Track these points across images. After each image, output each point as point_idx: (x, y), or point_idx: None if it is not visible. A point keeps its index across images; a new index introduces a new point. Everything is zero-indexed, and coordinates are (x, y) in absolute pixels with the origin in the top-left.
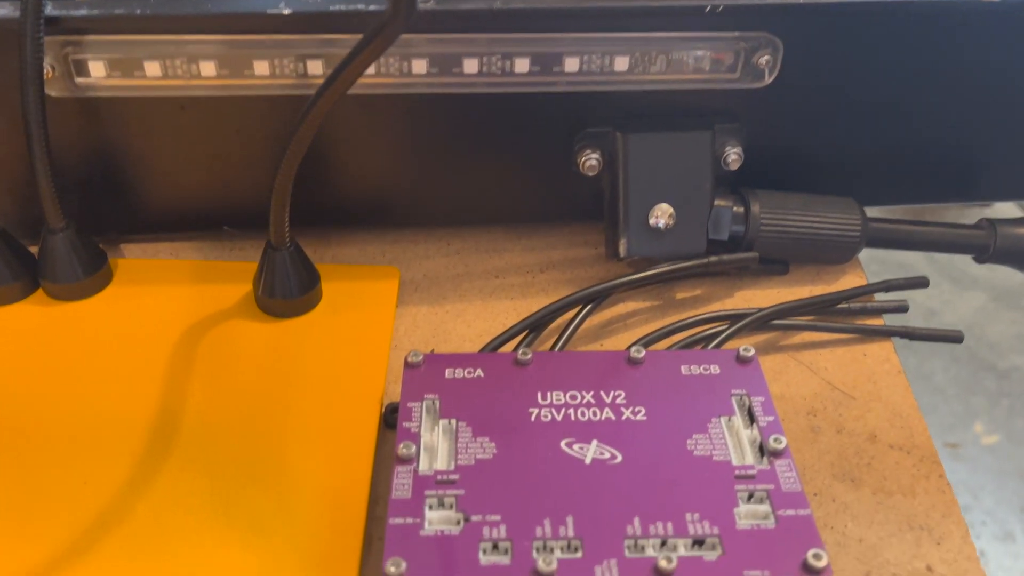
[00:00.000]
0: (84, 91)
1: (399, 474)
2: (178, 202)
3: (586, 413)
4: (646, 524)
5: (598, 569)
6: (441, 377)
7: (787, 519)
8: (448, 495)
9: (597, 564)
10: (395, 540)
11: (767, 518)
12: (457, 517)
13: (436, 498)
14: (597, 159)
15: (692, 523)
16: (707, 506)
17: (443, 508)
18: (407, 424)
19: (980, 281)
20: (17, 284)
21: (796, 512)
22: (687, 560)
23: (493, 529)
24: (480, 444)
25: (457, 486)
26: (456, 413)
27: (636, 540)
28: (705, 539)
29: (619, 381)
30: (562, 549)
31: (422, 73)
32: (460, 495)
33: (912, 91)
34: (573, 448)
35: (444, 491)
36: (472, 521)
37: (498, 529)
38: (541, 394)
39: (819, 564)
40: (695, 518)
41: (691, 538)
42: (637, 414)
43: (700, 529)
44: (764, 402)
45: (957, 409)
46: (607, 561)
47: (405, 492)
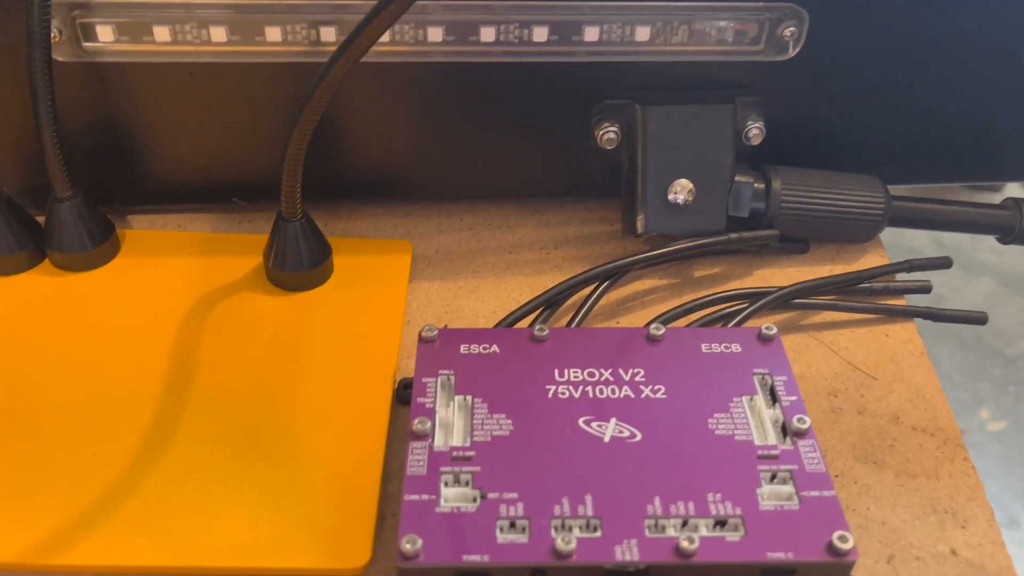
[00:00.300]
0: (92, 56)
1: (414, 450)
2: (186, 172)
3: (604, 391)
4: (667, 504)
5: (618, 549)
6: (456, 353)
7: (811, 500)
8: (464, 472)
9: (617, 544)
10: (410, 517)
11: (791, 499)
12: (473, 494)
13: (452, 475)
14: (615, 132)
15: (714, 503)
16: (729, 486)
17: (459, 485)
18: (421, 400)
19: (988, 267)
20: (23, 254)
21: (820, 493)
22: (709, 540)
23: (510, 507)
24: (496, 421)
25: (473, 463)
26: (472, 389)
27: (657, 520)
28: (727, 520)
29: (638, 359)
30: (581, 528)
31: (438, 41)
32: (476, 472)
33: (939, 68)
34: (591, 426)
35: (460, 468)
36: (489, 498)
37: (515, 507)
38: (558, 371)
39: (845, 546)
40: (717, 498)
41: (713, 518)
42: (657, 392)
43: (722, 509)
44: (787, 381)
45: (964, 395)
46: (627, 541)
47: (420, 468)
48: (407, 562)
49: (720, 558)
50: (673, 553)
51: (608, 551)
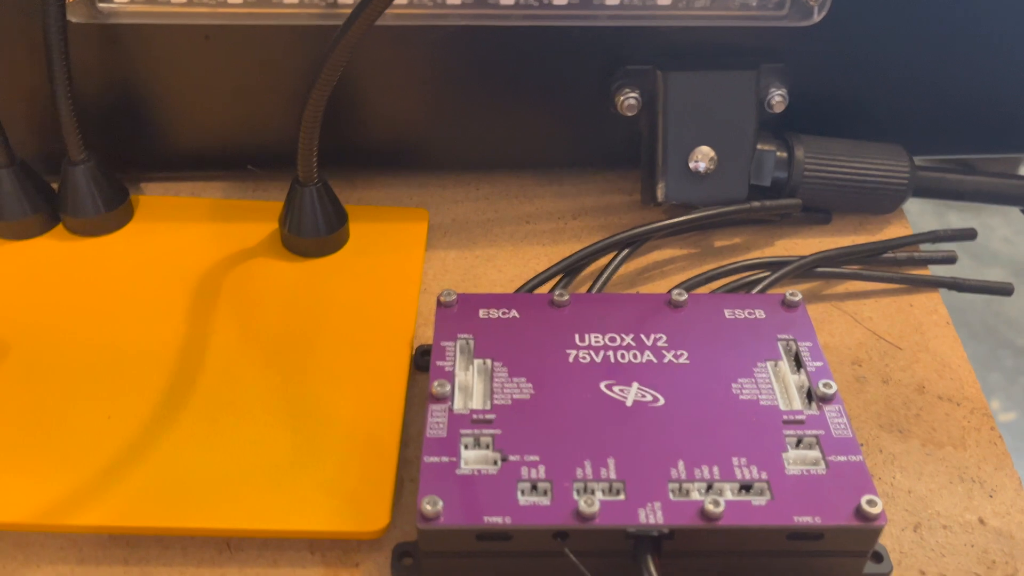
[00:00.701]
0: (107, 17)
1: (433, 412)
2: (200, 138)
3: (626, 356)
4: (691, 468)
5: (641, 512)
6: (475, 317)
7: (838, 465)
8: (485, 434)
9: (640, 507)
10: (430, 479)
11: (817, 464)
12: (494, 457)
13: (472, 437)
14: (636, 98)
15: (739, 467)
16: (754, 451)
17: (479, 447)
18: (440, 363)
19: (1000, 257)
20: (37, 217)
21: (848, 458)
22: (735, 504)
23: (532, 469)
24: (517, 384)
25: (494, 426)
26: (491, 353)
27: (681, 484)
28: (753, 484)
29: (660, 324)
30: (604, 491)
31: (456, 3)
32: (497, 435)
33: (963, 35)
34: (613, 390)
35: (480, 430)
36: (510, 461)
37: (537, 469)
38: (579, 336)
39: (873, 511)
40: (742, 463)
41: (738, 482)
42: (679, 357)
43: (748, 474)
44: (812, 347)
45: None
46: (651, 504)
47: (440, 431)
48: (427, 523)
49: (746, 522)
50: (698, 516)
51: (632, 514)
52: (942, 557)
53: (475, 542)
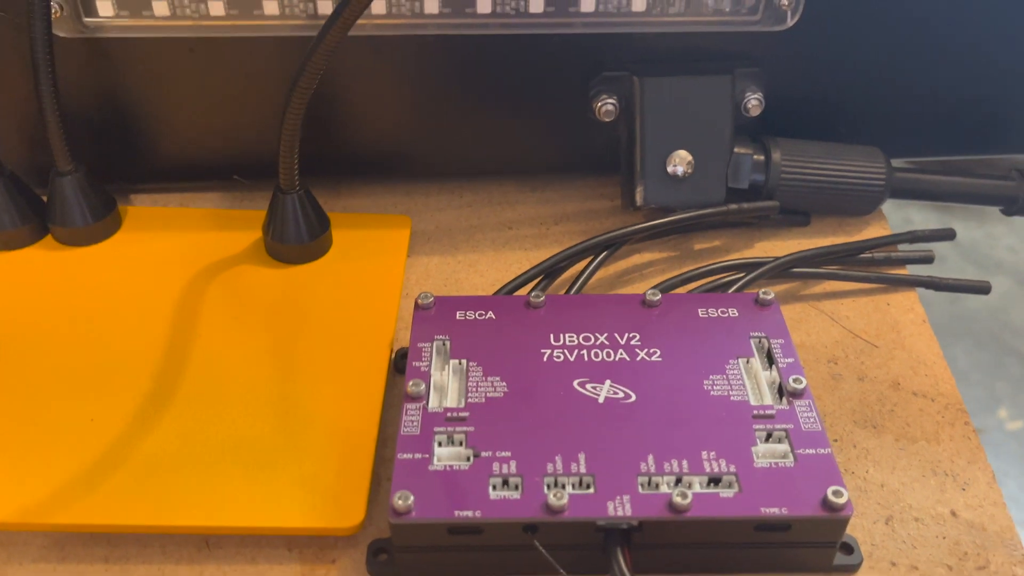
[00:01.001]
0: (92, 31)
1: (408, 411)
2: (187, 149)
3: (600, 354)
4: (660, 461)
5: (610, 504)
6: (452, 318)
7: (807, 458)
8: (458, 432)
9: (609, 500)
10: (403, 474)
11: (786, 457)
12: (467, 453)
13: (446, 435)
14: (613, 104)
15: (708, 461)
16: (724, 445)
17: (452, 444)
18: (417, 364)
19: (1004, 265)
20: (25, 228)
21: (816, 451)
22: (703, 496)
23: (503, 465)
24: (491, 383)
25: (467, 423)
26: (467, 353)
27: (650, 477)
28: (721, 477)
29: (634, 323)
30: (574, 485)
31: (434, 13)
32: (470, 432)
33: (939, 37)
34: (586, 388)
35: (454, 428)
36: (482, 457)
37: (508, 465)
38: (554, 336)
39: (839, 501)
40: (711, 456)
41: (707, 475)
42: (652, 355)
43: (716, 467)
44: (783, 344)
45: (981, 394)
46: (620, 497)
47: (414, 428)
48: (399, 518)
49: (713, 513)
50: (666, 509)
51: (601, 507)
52: (913, 549)
53: (447, 536)
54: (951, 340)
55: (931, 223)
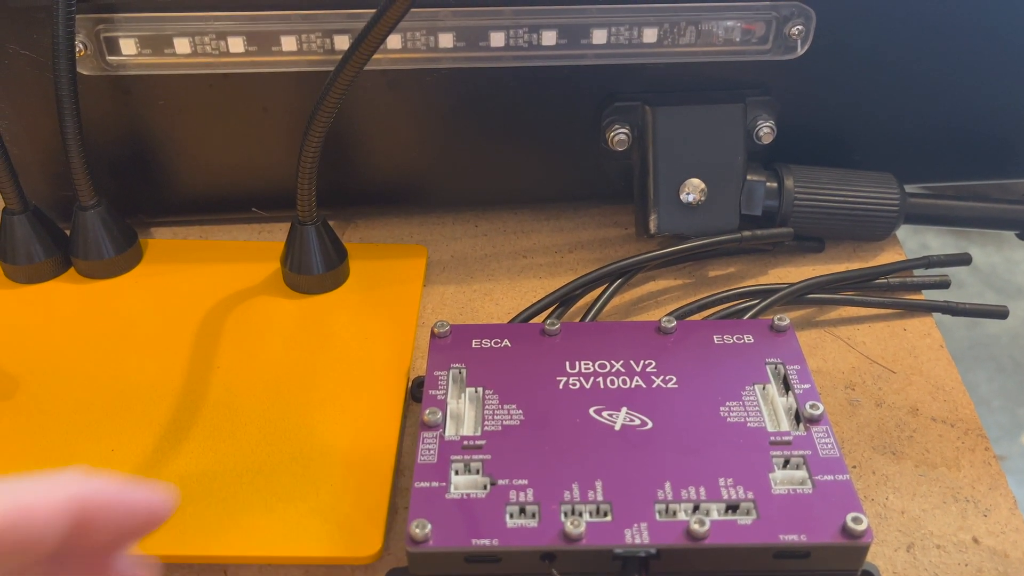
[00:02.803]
0: (115, 69)
1: (425, 440)
2: (207, 182)
3: (615, 381)
4: (678, 489)
5: (628, 532)
6: (468, 347)
7: (825, 484)
8: (475, 460)
9: (627, 527)
10: (420, 503)
11: (804, 483)
12: (484, 481)
13: (462, 463)
14: (626, 134)
15: (725, 488)
16: (741, 472)
17: (469, 473)
18: (433, 392)
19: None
20: (49, 261)
21: (834, 477)
22: (720, 524)
23: (520, 493)
24: (507, 411)
25: (484, 451)
26: (483, 381)
27: (667, 504)
28: (739, 504)
29: (650, 350)
30: (591, 513)
31: (448, 47)
32: (487, 460)
33: (950, 63)
34: (602, 415)
35: (470, 456)
36: (499, 485)
37: (525, 493)
38: (569, 363)
39: (859, 528)
40: (729, 483)
41: (724, 503)
42: (668, 382)
43: (734, 494)
44: (800, 370)
45: (1003, 420)
46: (637, 524)
47: (431, 457)
48: (416, 546)
49: (732, 540)
50: (684, 536)
51: (618, 534)
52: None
53: (464, 565)
54: (972, 365)
55: (949, 248)
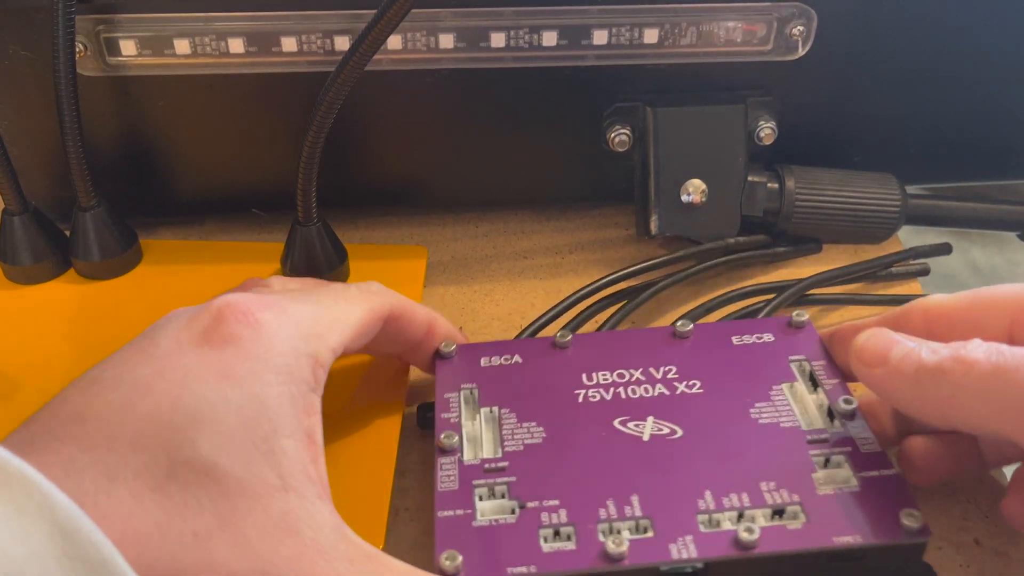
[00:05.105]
0: (116, 70)
1: (443, 466)
2: (207, 183)
3: (637, 390)
4: (719, 497)
5: (673, 547)
6: (476, 366)
7: (871, 481)
8: (499, 483)
9: (671, 542)
10: (446, 533)
11: (849, 481)
12: (511, 505)
13: (486, 487)
14: (627, 135)
15: (769, 492)
16: (782, 474)
17: (495, 497)
18: (446, 415)
19: None
20: (48, 263)
21: (880, 472)
22: (770, 530)
23: (552, 515)
24: (527, 429)
25: (507, 473)
26: (497, 400)
27: (711, 515)
28: (785, 507)
29: (668, 356)
30: (631, 530)
31: (449, 48)
32: (512, 482)
33: (951, 63)
34: (628, 426)
35: (494, 479)
36: (528, 508)
37: (558, 514)
38: (586, 375)
39: (914, 524)
40: (771, 487)
41: (770, 507)
42: (692, 387)
43: (779, 498)
44: (825, 366)
45: None
46: (682, 538)
47: (451, 483)
48: None
49: (784, 547)
50: (733, 546)
51: (663, 550)
52: None
53: None
54: None
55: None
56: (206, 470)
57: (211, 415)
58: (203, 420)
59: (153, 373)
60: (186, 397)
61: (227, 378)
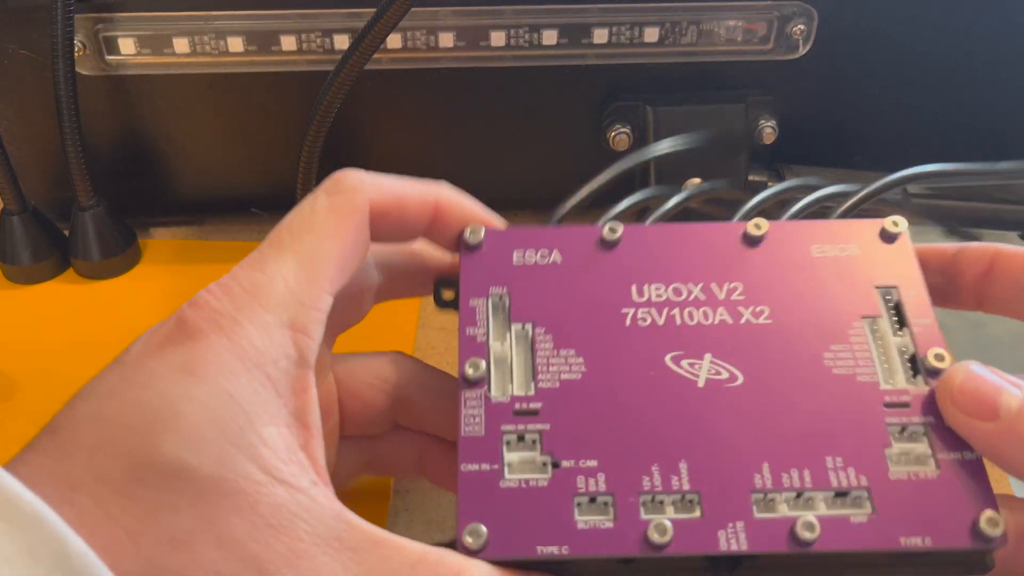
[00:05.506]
0: (114, 69)
1: (468, 402)
2: (206, 183)
3: (695, 315)
4: (778, 472)
5: (722, 535)
6: (508, 262)
7: (952, 466)
8: (530, 430)
9: (720, 528)
10: (470, 496)
11: (925, 463)
12: (543, 460)
13: (515, 434)
14: (627, 134)
15: (834, 471)
16: (852, 447)
17: (523, 447)
18: (471, 331)
19: None
20: (47, 262)
21: (962, 456)
22: (830, 523)
23: (589, 479)
24: (564, 359)
25: (540, 419)
26: (531, 315)
27: (766, 494)
28: (850, 491)
29: (735, 268)
30: (675, 506)
31: (449, 47)
32: (545, 431)
33: (952, 63)
34: (681, 365)
35: (525, 425)
36: (562, 467)
37: (596, 479)
38: (636, 288)
39: (994, 532)
40: (838, 464)
41: (833, 491)
42: (759, 315)
43: (844, 479)
44: (918, 297)
45: None
46: (732, 524)
47: (477, 427)
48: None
49: (844, 547)
50: (789, 541)
51: (710, 538)
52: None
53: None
54: None
55: None
56: (174, 472)
57: (174, 414)
58: (165, 420)
59: (119, 379)
60: (148, 398)
61: (190, 374)
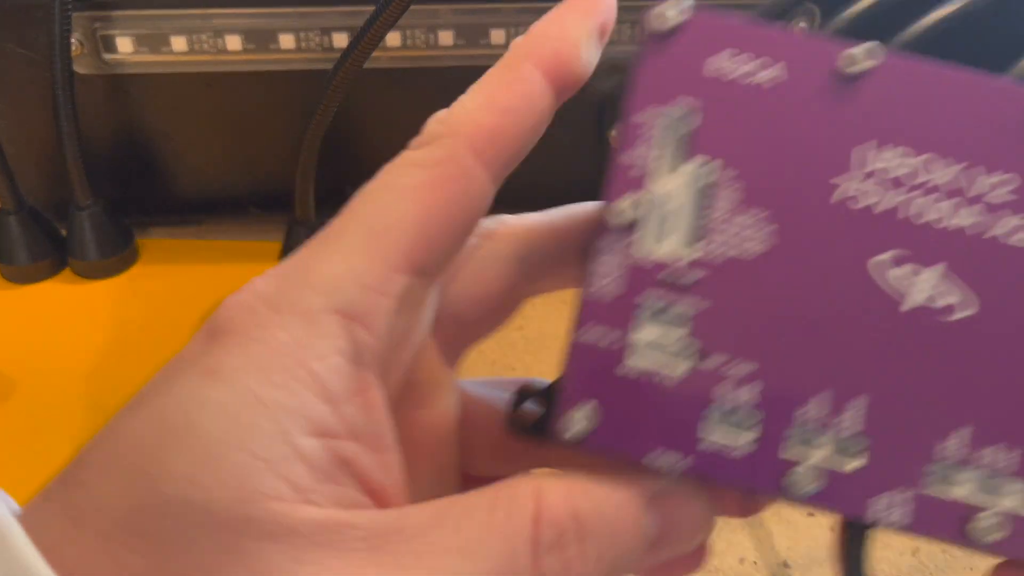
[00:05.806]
0: (112, 68)
1: (603, 252)
2: (204, 182)
3: (933, 209)
4: (978, 443)
5: (876, 502)
6: (699, 71)
7: None
8: (678, 307)
9: (879, 492)
10: (582, 370)
11: None
12: (683, 347)
13: (658, 307)
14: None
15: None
16: None
17: (662, 323)
18: (629, 156)
19: None
20: (45, 262)
21: None
22: (1017, 523)
23: (737, 389)
24: (746, 223)
25: (695, 293)
26: (720, 150)
27: (947, 468)
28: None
29: (1011, 151)
30: (832, 449)
31: (448, 44)
32: (699, 312)
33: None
34: (890, 276)
35: (673, 299)
36: (707, 363)
37: (746, 390)
38: (870, 149)
39: None
40: None
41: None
42: (1021, 230)
43: None
44: None
45: None
46: (893, 492)
47: (609, 285)
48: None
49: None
50: (958, 534)
51: (859, 500)
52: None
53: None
54: None
55: None
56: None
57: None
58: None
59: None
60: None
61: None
